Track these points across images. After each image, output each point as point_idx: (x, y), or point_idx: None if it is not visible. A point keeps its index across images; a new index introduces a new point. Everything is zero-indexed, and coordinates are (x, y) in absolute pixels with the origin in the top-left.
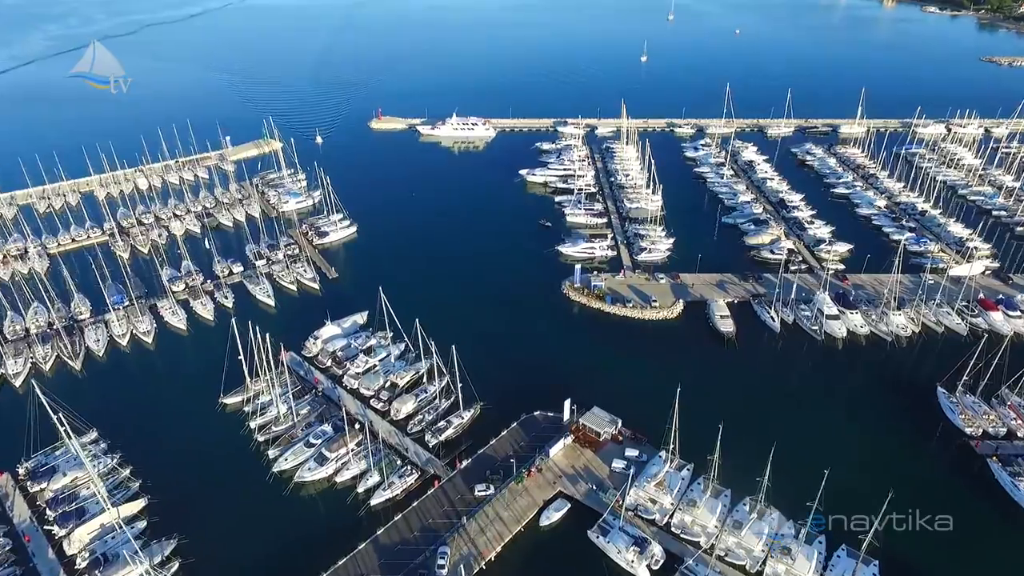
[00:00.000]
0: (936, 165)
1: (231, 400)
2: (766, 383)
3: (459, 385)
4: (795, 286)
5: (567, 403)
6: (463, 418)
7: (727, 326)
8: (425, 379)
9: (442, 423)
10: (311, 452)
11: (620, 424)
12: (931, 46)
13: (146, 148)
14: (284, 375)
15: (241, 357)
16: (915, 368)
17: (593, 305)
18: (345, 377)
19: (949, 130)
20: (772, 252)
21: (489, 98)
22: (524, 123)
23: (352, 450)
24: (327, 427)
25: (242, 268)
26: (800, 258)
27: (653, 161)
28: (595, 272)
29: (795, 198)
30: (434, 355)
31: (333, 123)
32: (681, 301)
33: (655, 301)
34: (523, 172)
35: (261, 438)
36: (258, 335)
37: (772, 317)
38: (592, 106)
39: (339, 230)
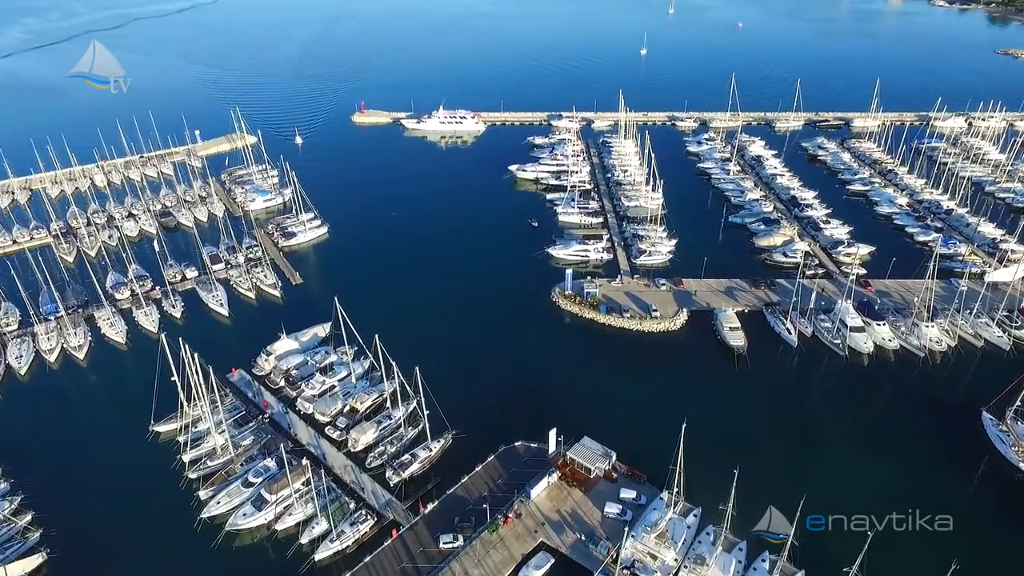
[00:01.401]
0: (959, 160)
1: (164, 428)
2: (783, 407)
3: (426, 412)
4: (814, 294)
5: (552, 433)
6: (431, 450)
7: (737, 339)
8: (389, 403)
9: (406, 457)
10: (249, 493)
11: (614, 458)
12: (942, 39)
13: (104, 142)
14: (228, 398)
15: (175, 378)
16: (953, 388)
17: (586, 315)
18: (299, 400)
19: (969, 124)
20: (785, 255)
21: (479, 91)
22: (516, 117)
23: (297, 491)
24: (270, 462)
25: (196, 273)
26: (816, 262)
27: (654, 155)
28: (588, 277)
29: (808, 195)
30: (396, 375)
31: (313, 117)
32: (685, 310)
33: (655, 310)
34: (512, 168)
35: (193, 475)
36: (189, 354)
37: (788, 329)
38: (589, 100)
39: (308, 231)
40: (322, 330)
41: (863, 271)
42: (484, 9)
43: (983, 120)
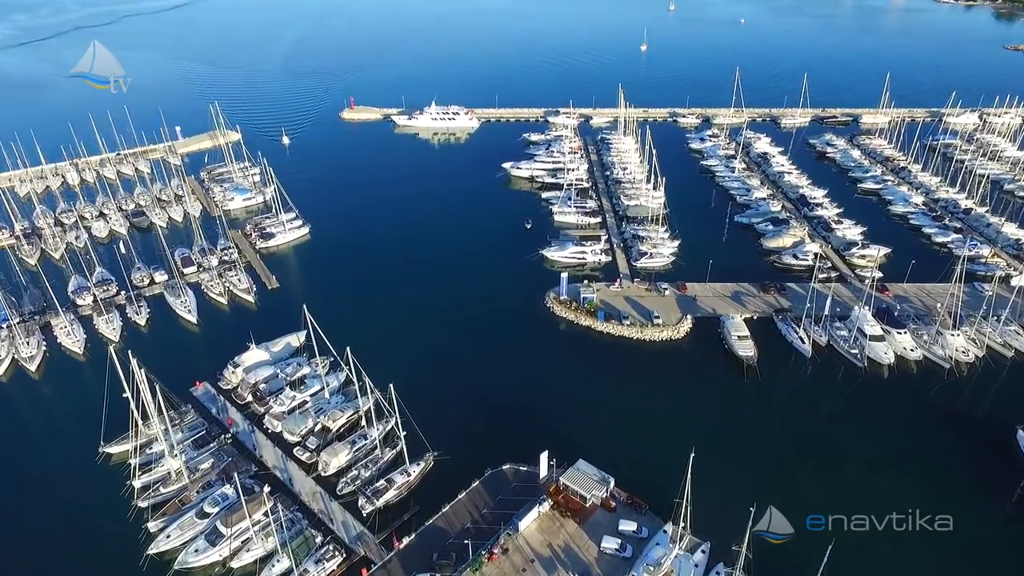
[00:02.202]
0: (976, 157)
1: (116, 449)
2: (798, 424)
3: (403, 434)
4: (829, 299)
5: (544, 456)
6: (409, 475)
7: (746, 349)
8: (364, 422)
9: (381, 483)
10: (203, 525)
11: (612, 484)
12: (949, 35)
13: (81, 139)
14: (190, 415)
15: (127, 395)
16: (983, 402)
17: (582, 322)
18: (266, 418)
19: (983, 120)
20: (796, 257)
21: (473, 87)
22: (511, 113)
23: (258, 522)
24: (229, 489)
25: (166, 277)
26: (829, 264)
27: (655, 152)
28: (585, 281)
29: (818, 194)
30: (369, 389)
31: (302, 116)
32: (689, 317)
33: (657, 317)
34: (506, 165)
35: (143, 504)
36: (139, 368)
37: (801, 337)
38: (587, 96)
39: (288, 232)
40: (296, 339)
41: (879, 275)
42: (479, 5)
43: (997, 116)
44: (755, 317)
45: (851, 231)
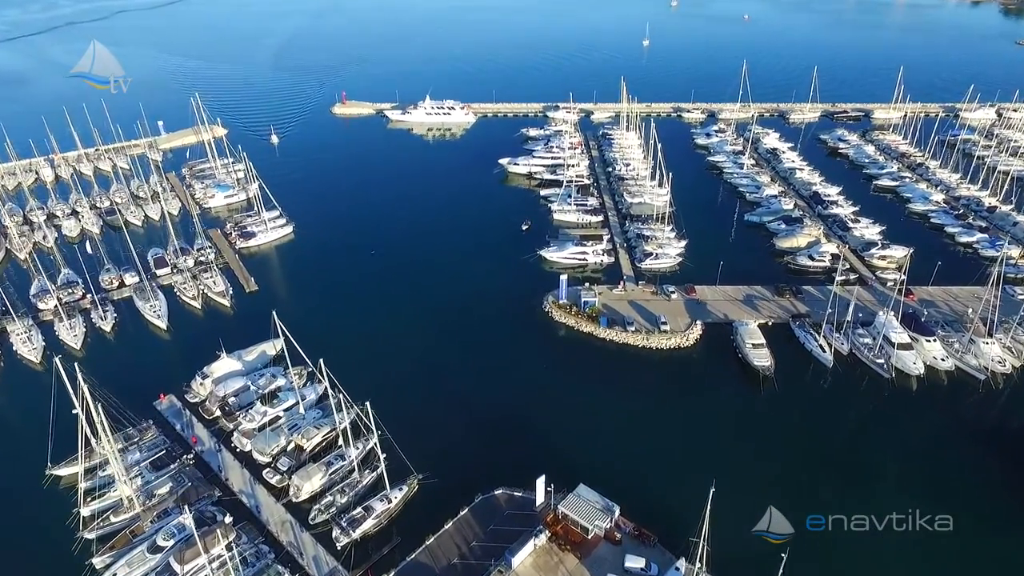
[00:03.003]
0: (998, 153)
1: (65, 471)
2: (822, 441)
3: (383, 457)
4: (852, 304)
5: (541, 481)
6: (390, 501)
7: (762, 358)
8: (342, 440)
9: (358, 511)
10: (155, 561)
11: (618, 513)
12: (958, 30)
13: (58, 134)
14: (151, 432)
15: (78, 410)
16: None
17: (583, 328)
18: (235, 435)
19: (1000, 115)
20: (812, 258)
21: (470, 82)
22: (509, 108)
23: (218, 557)
24: (186, 519)
25: (138, 279)
26: (847, 266)
27: (661, 145)
28: (587, 284)
29: (832, 191)
30: (345, 405)
31: (292, 112)
32: (699, 323)
33: (664, 323)
34: (503, 161)
35: (90, 535)
36: (81, 382)
37: (821, 346)
38: (587, 91)
39: (270, 231)
40: (272, 347)
41: (902, 277)
42: (476, 3)
43: (1015, 111)
44: (770, 323)
45: (869, 230)
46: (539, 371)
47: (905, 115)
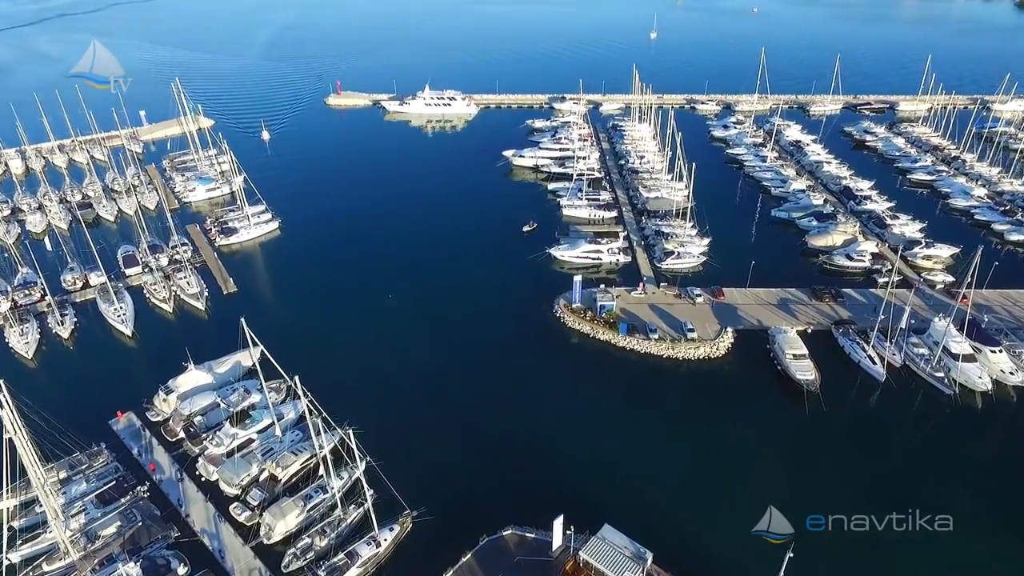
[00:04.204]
0: None
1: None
2: (884, 474)
3: (370, 493)
4: (907, 311)
5: (559, 522)
6: (379, 545)
7: (805, 371)
8: (323, 470)
9: (341, 557)
10: None
11: (650, 561)
12: (972, 23)
13: (32, 125)
14: (103, 457)
15: (11, 435)
16: None
17: (600, 336)
18: (200, 461)
19: None
20: (850, 258)
21: (472, 73)
22: (513, 99)
23: None
24: (132, 569)
25: (104, 279)
26: (889, 266)
27: (680, 135)
28: (602, 286)
29: (863, 185)
30: (323, 428)
31: (283, 102)
32: (729, 330)
33: (691, 329)
34: (508, 154)
35: None
36: (7, 404)
37: (871, 357)
38: (595, 83)
39: (253, 227)
40: (247, 358)
41: (950, 278)
42: None
43: None
44: (809, 330)
45: (909, 228)
46: (551, 387)
47: (932, 107)
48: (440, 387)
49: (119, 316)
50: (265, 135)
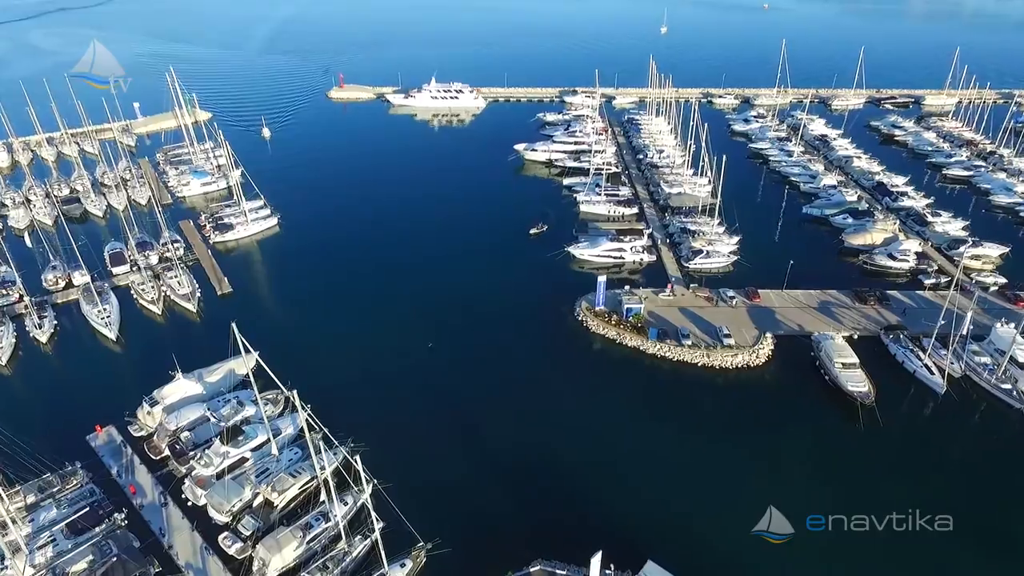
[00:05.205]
0: None
1: None
2: (957, 497)
3: (379, 526)
4: (970, 316)
5: (596, 559)
6: None
7: (858, 383)
8: (324, 495)
9: None
10: None
11: None
12: (986, 17)
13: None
14: (77, 478)
15: None
16: None
17: (627, 342)
18: (187, 483)
19: None
20: (892, 257)
21: (479, 67)
22: (522, 92)
23: None
24: None
25: (89, 278)
26: (936, 267)
27: (707, 127)
28: (627, 287)
29: (898, 181)
30: (324, 448)
31: (283, 96)
32: (769, 335)
33: (728, 335)
34: (519, 147)
35: None
36: None
37: (928, 367)
38: (606, 76)
39: (250, 223)
40: (241, 366)
41: (1001, 279)
42: None
43: None
44: (855, 336)
45: (951, 225)
46: (576, 400)
47: (959, 101)
48: (453, 399)
49: (103, 319)
50: (266, 132)
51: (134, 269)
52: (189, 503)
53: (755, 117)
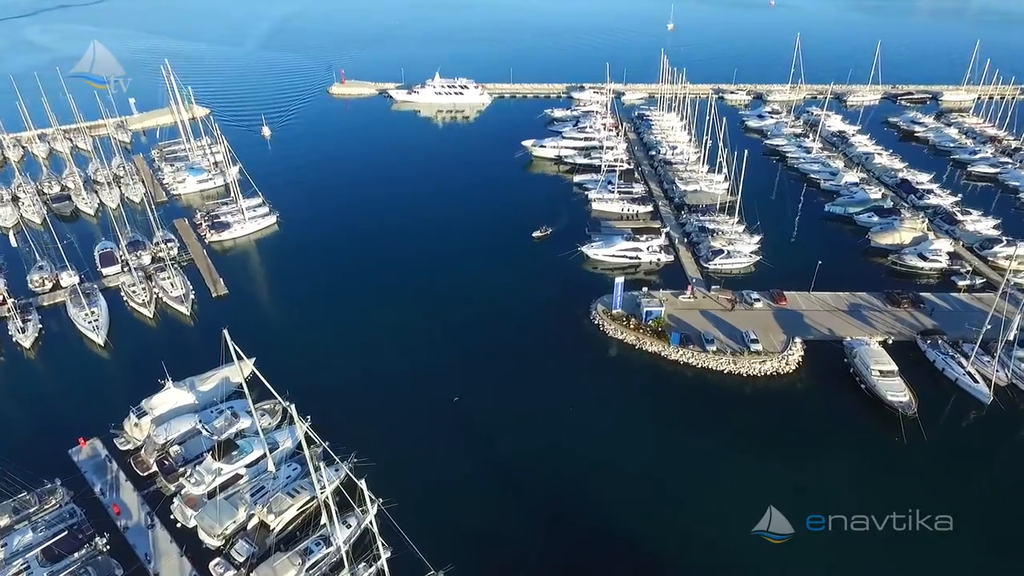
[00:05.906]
0: None
1: None
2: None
3: (386, 554)
4: (1018, 321)
5: None
6: None
7: (898, 391)
8: (326, 517)
9: None
10: None
11: None
12: (997, 14)
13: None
14: (57, 496)
15: None
16: None
17: (648, 347)
18: (176, 502)
19: None
20: (923, 257)
21: (484, 63)
22: (529, 88)
23: None
24: None
25: (79, 279)
26: (970, 268)
27: (724, 123)
28: (645, 289)
29: (923, 178)
30: (323, 466)
31: (284, 92)
32: (798, 340)
33: (755, 340)
34: (527, 144)
35: None
36: None
37: (972, 375)
38: (614, 73)
39: (248, 221)
40: (236, 373)
41: None
42: None
43: None
44: (890, 340)
45: (982, 224)
46: (596, 409)
47: (979, 97)
48: (462, 410)
49: (90, 322)
50: (266, 131)
51: (125, 270)
52: (178, 525)
53: (769, 113)
